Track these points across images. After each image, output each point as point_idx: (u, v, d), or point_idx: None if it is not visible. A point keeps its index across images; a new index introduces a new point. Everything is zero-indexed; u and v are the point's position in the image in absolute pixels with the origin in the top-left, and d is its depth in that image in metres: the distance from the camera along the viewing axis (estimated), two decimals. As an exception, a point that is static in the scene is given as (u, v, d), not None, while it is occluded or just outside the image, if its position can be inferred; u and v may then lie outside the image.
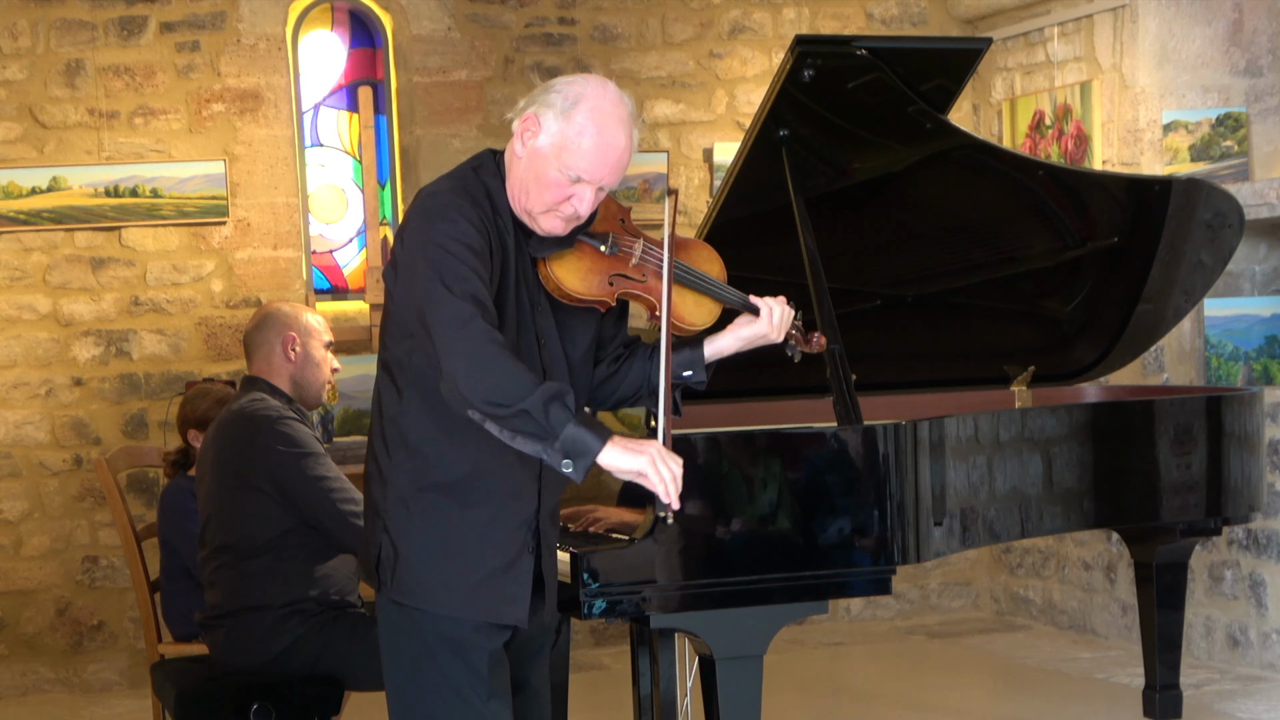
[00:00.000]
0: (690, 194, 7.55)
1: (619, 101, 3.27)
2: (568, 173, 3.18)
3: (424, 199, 3.22)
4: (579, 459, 3.02)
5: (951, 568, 7.90)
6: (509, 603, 3.26)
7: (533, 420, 2.99)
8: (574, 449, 3.01)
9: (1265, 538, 6.33)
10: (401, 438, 3.26)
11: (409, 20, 7.32)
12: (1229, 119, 6.82)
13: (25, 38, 6.93)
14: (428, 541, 3.24)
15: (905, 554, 3.96)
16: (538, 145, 3.19)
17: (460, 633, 3.25)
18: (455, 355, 3.03)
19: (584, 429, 3.01)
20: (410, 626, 3.28)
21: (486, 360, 3.02)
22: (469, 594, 3.23)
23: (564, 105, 3.19)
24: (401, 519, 3.26)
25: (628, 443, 3.06)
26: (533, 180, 3.20)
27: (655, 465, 3.05)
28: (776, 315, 3.43)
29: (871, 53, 4.35)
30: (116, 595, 6.99)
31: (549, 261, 3.25)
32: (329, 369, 4.55)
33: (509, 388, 3.00)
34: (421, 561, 3.24)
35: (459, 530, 3.23)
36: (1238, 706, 5.96)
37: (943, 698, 6.35)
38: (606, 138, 3.22)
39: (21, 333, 6.95)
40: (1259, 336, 6.66)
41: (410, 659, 3.30)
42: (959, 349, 5.28)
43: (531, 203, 3.21)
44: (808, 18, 7.73)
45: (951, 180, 4.85)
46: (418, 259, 3.14)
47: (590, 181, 3.20)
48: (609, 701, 6.08)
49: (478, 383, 3.01)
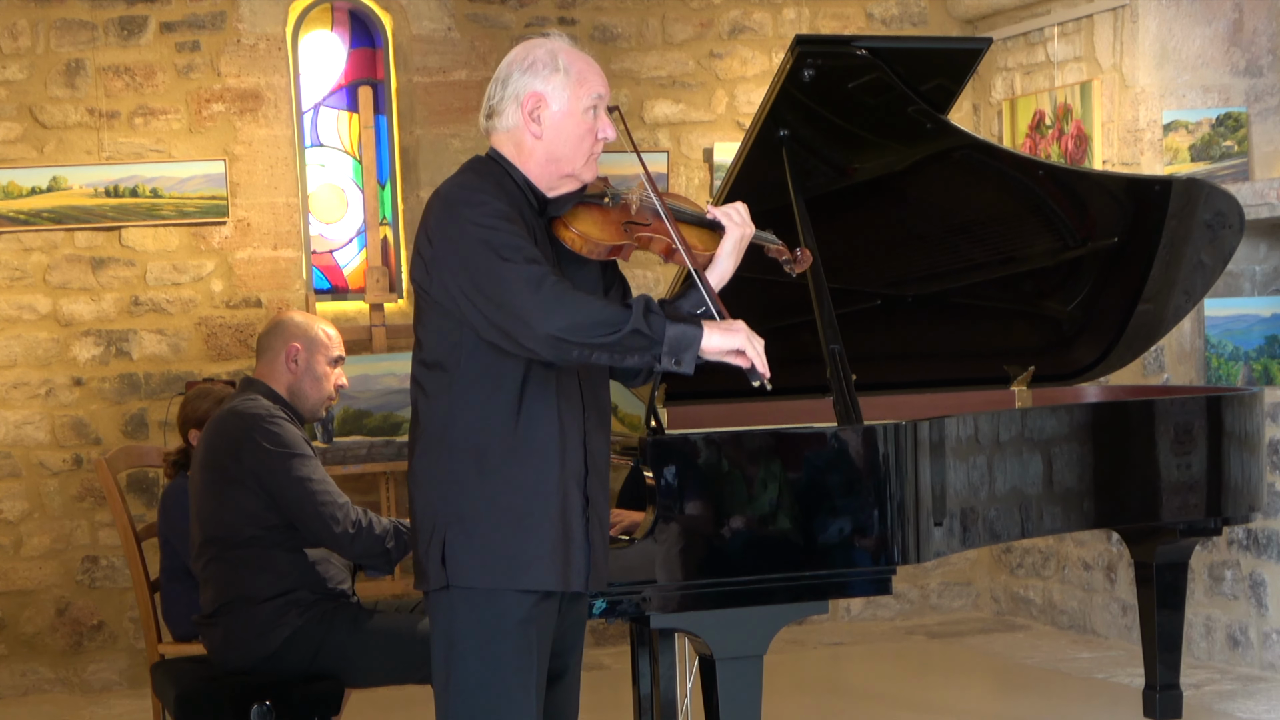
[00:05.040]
0: (690, 194, 7.55)
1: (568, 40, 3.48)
2: (590, 105, 3.37)
3: (443, 196, 3.36)
4: (685, 352, 3.25)
5: (952, 568, 7.90)
6: (572, 567, 3.35)
7: (642, 335, 3.22)
8: (678, 345, 3.24)
9: (1265, 538, 6.33)
10: (457, 428, 3.33)
11: (409, 20, 7.32)
12: (1229, 119, 6.82)
13: (25, 38, 6.93)
14: (492, 518, 3.31)
15: (905, 554, 3.96)
16: (555, 110, 3.38)
17: (522, 609, 3.32)
18: (547, 313, 3.20)
19: (681, 325, 3.26)
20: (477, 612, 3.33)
21: (577, 305, 3.22)
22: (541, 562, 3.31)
23: (550, 64, 3.39)
24: (461, 505, 3.32)
25: (721, 325, 3.30)
26: (564, 142, 3.38)
27: (750, 341, 3.29)
28: (737, 215, 3.55)
29: (872, 53, 4.35)
30: (116, 595, 6.99)
31: (569, 221, 3.41)
32: (332, 385, 4.56)
33: (608, 318, 3.22)
34: (494, 538, 3.31)
35: (520, 500, 3.31)
36: (1238, 706, 5.96)
37: (943, 698, 6.35)
38: (591, 63, 3.43)
39: (21, 333, 6.95)
40: (1259, 336, 6.66)
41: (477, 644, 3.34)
42: (959, 349, 5.28)
43: (573, 159, 3.40)
44: (808, 18, 7.73)
45: (952, 180, 4.85)
46: (459, 249, 3.28)
47: (606, 99, 3.42)
48: (609, 701, 6.08)
49: (583, 325, 3.20)
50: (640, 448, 3.77)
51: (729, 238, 3.51)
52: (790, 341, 4.83)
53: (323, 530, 4.30)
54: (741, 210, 3.55)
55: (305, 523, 4.31)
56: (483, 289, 3.25)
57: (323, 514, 4.29)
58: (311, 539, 4.35)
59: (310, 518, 4.30)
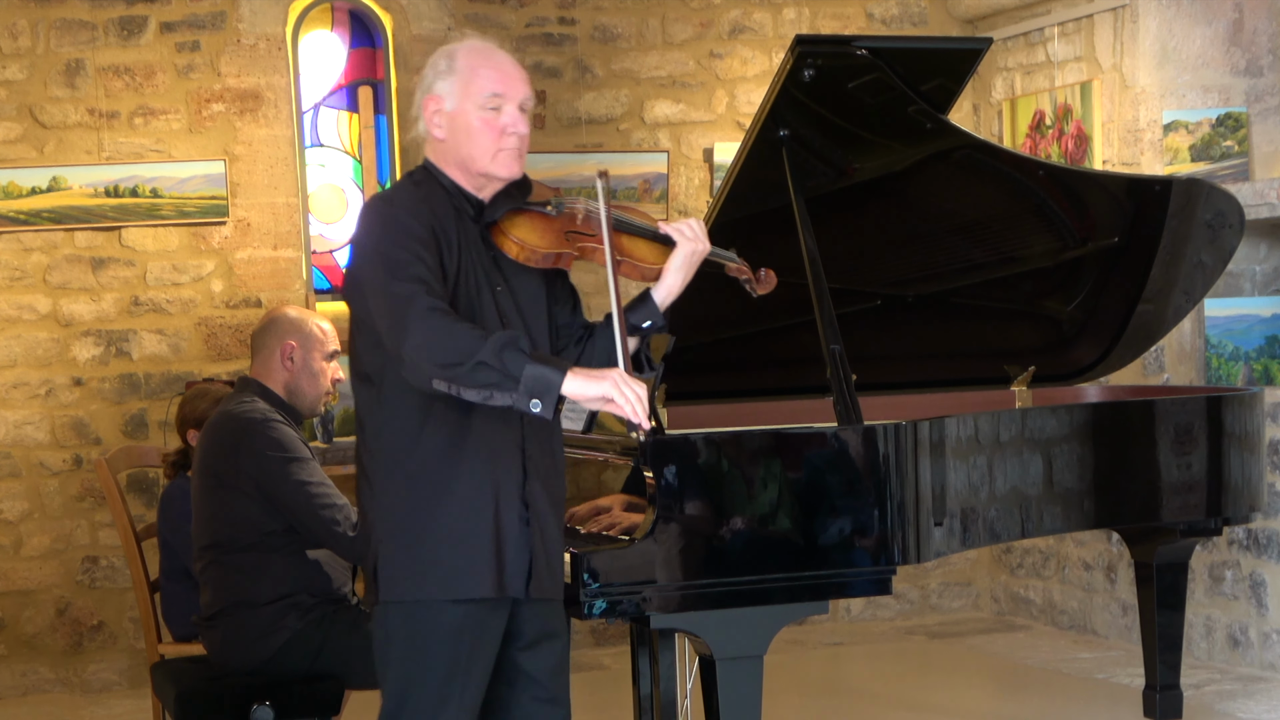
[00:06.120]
0: (690, 194, 7.55)
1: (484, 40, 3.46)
2: (486, 103, 3.34)
3: (363, 209, 3.39)
4: (545, 395, 3.15)
5: (952, 568, 7.90)
6: (508, 574, 3.33)
7: (491, 370, 3.12)
8: (537, 387, 3.14)
9: (1265, 538, 6.33)
10: (386, 442, 3.34)
11: (409, 20, 7.31)
12: (1229, 119, 6.81)
13: (25, 38, 6.93)
14: (420, 529, 3.31)
15: (905, 554, 3.96)
16: (449, 111, 3.38)
17: (454, 619, 3.31)
18: (407, 332, 3.16)
19: (542, 366, 3.15)
20: (408, 625, 3.33)
21: (434, 326, 3.16)
22: (472, 571, 3.30)
23: (444, 66, 3.40)
24: (392, 518, 3.33)
25: (589, 371, 3.21)
26: (466, 140, 3.37)
27: (619, 388, 3.19)
28: (689, 231, 3.50)
29: (872, 53, 4.35)
30: (116, 595, 6.99)
31: (506, 227, 3.39)
32: (328, 380, 4.56)
33: (461, 346, 3.14)
34: (418, 550, 3.31)
35: (450, 509, 3.30)
36: (1238, 706, 5.96)
37: (943, 698, 6.35)
38: (493, 59, 3.39)
39: (21, 333, 6.95)
40: (1259, 336, 6.66)
41: (406, 655, 3.33)
42: (959, 349, 5.28)
43: (478, 158, 3.37)
44: (808, 18, 7.73)
45: (952, 180, 4.85)
46: (362, 261, 3.31)
47: (509, 97, 3.36)
48: (609, 701, 6.08)
49: (432, 349, 3.15)
50: (640, 448, 3.77)
51: (679, 253, 3.49)
52: (790, 341, 4.84)
53: (323, 533, 4.29)
54: (695, 226, 3.52)
55: (305, 526, 4.31)
56: (371, 302, 3.27)
57: (323, 517, 4.29)
58: (313, 541, 4.35)
59: (310, 521, 4.30)
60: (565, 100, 7.45)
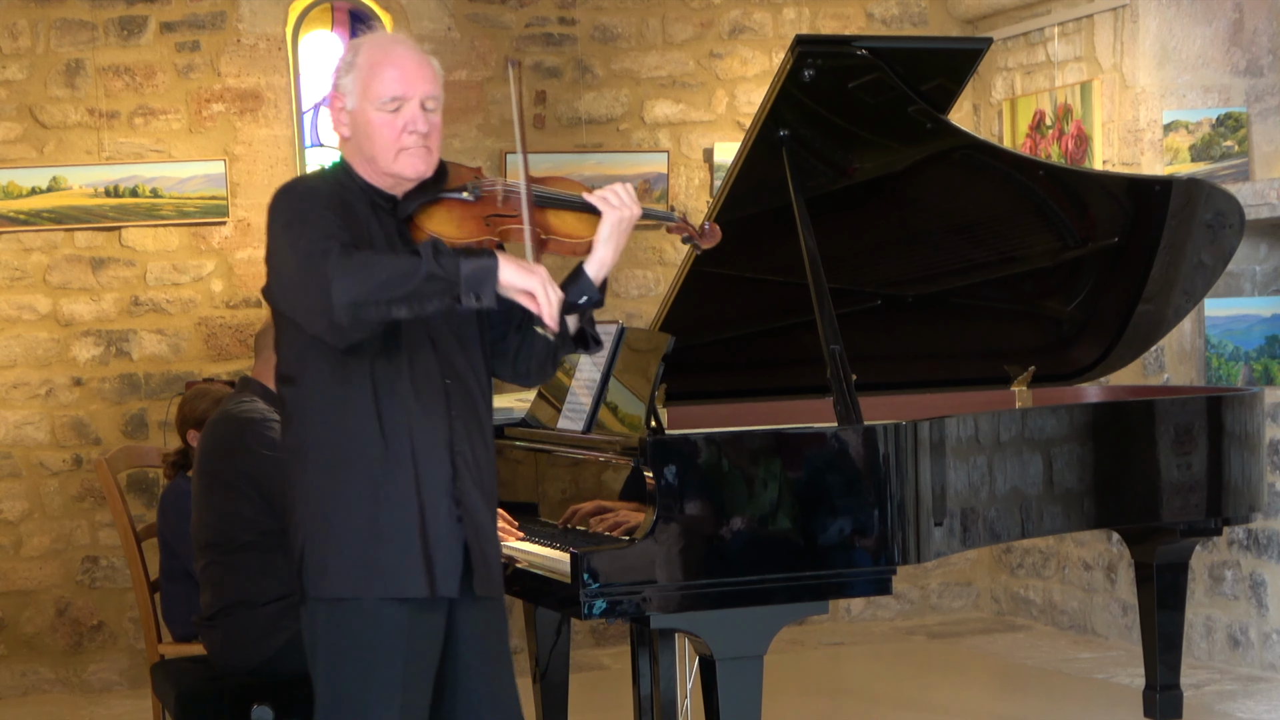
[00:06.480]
0: (690, 194, 7.55)
1: (391, 34, 3.44)
2: (385, 103, 3.28)
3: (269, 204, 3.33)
4: (484, 286, 3.14)
5: (952, 568, 7.90)
6: (437, 573, 3.27)
7: (438, 279, 3.11)
8: (476, 280, 3.13)
9: (1266, 538, 6.33)
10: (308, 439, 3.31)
11: (409, 20, 7.31)
12: (1229, 119, 6.81)
13: (25, 38, 6.93)
14: (343, 526, 3.27)
15: (905, 554, 3.96)
16: (351, 109, 3.33)
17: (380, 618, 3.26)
18: (331, 281, 3.11)
19: (474, 260, 3.15)
20: (336, 623, 3.29)
21: (358, 262, 3.13)
22: (399, 570, 3.26)
23: (347, 62, 3.34)
24: (317, 515, 3.29)
25: (520, 262, 3.19)
26: (367, 138, 3.32)
27: (545, 287, 3.17)
28: (614, 198, 3.37)
29: (872, 53, 4.34)
30: (116, 595, 6.99)
31: (422, 221, 3.32)
32: None
33: (403, 269, 3.12)
34: (348, 548, 3.27)
35: (375, 509, 3.26)
36: (1238, 707, 5.96)
37: (943, 698, 6.35)
38: (393, 56, 3.31)
39: (21, 333, 6.95)
40: (1259, 336, 6.66)
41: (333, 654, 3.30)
42: (959, 349, 5.28)
43: (381, 156, 3.31)
44: (808, 18, 7.72)
45: (952, 180, 4.85)
46: (274, 242, 3.26)
47: (409, 97, 3.29)
48: (609, 701, 6.08)
49: (365, 281, 3.11)
50: (640, 448, 3.77)
51: (605, 222, 3.35)
52: (790, 341, 4.84)
53: None
54: (622, 191, 3.39)
55: None
56: (282, 275, 3.23)
57: None
58: None
59: None
60: (565, 100, 7.45)
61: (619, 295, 7.53)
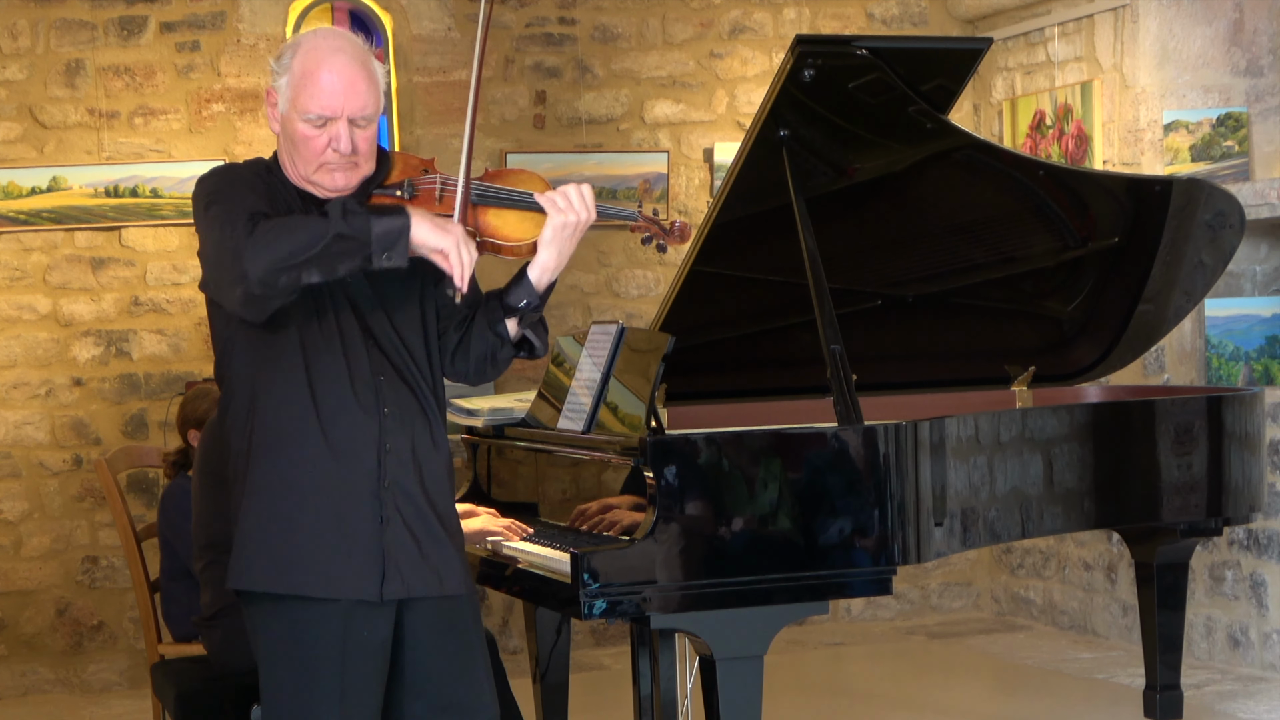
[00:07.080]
0: (690, 194, 7.55)
1: (334, 34, 3.28)
2: (310, 118, 3.20)
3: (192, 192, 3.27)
4: (395, 245, 3.06)
5: (952, 568, 7.90)
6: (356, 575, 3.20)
7: (347, 239, 3.03)
8: (387, 239, 3.05)
9: (1266, 538, 6.33)
10: (239, 438, 3.29)
11: (409, 20, 7.31)
12: (1230, 119, 6.81)
13: (25, 38, 6.93)
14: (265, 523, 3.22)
15: (906, 554, 3.96)
16: (281, 112, 3.25)
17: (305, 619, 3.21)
18: (244, 252, 3.03)
19: (385, 218, 3.07)
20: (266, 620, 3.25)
21: (267, 229, 3.05)
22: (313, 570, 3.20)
23: (283, 62, 3.24)
24: (250, 515, 3.25)
25: (434, 219, 3.11)
26: (292, 144, 3.25)
27: (459, 247, 3.10)
28: (562, 200, 3.26)
29: (872, 53, 4.34)
30: (116, 595, 6.99)
31: None
32: None
33: (310, 228, 3.05)
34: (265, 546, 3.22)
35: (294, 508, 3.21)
36: (1238, 707, 5.96)
37: (943, 698, 6.35)
38: (327, 66, 3.20)
39: (21, 333, 6.95)
40: (1260, 337, 6.66)
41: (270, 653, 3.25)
42: (959, 349, 5.28)
43: (303, 165, 3.25)
44: (808, 18, 7.72)
45: (952, 180, 4.85)
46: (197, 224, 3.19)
47: (335, 116, 3.20)
48: (609, 701, 6.08)
49: (275, 247, 3.03)
50: (640, 448, 3.76)
51: (547, 226, 3.24)
52: (790, 341, 4.84)
53: None
54: (573, 193, 3.26)
55: None
56: (204, 255, 3.16)
57: None
58: None
59: None
60: (565, 100, 7.45)
61: (619, 295, 7.53)
